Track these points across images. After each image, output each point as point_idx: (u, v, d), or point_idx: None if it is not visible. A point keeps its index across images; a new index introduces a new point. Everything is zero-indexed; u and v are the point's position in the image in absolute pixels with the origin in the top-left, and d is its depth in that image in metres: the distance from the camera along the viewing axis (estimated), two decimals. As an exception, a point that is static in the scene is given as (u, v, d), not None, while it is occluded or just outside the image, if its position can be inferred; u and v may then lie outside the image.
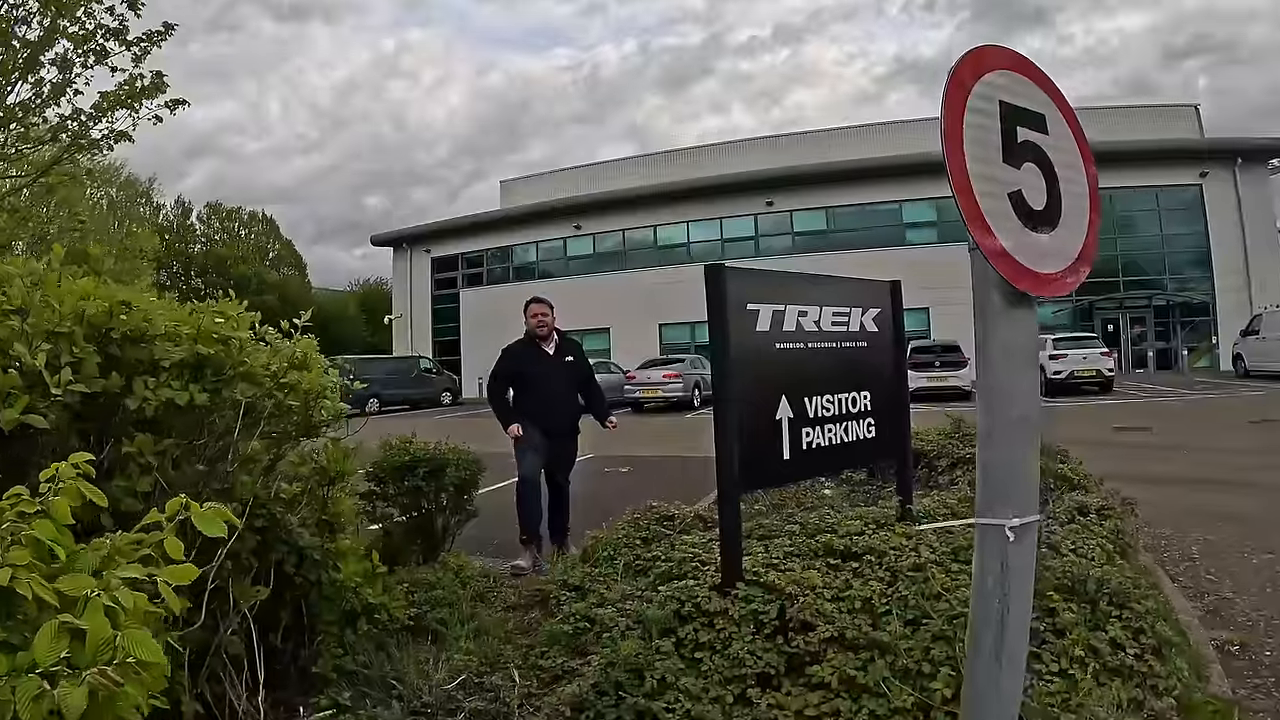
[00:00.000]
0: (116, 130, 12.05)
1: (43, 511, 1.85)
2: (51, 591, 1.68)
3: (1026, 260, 2.45)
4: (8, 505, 1.84)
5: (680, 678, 3.70)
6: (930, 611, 3.89)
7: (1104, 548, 4.73)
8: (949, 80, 2.32)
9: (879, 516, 5.21)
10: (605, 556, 5.35)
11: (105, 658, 1.57)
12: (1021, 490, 2.49)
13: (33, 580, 1.66)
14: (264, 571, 3.75)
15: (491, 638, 4.64)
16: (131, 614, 1.67)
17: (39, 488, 1.95)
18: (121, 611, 1.65)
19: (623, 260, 44.08)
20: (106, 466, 3.25)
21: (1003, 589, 2.43)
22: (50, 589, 1.68)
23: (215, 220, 69.62)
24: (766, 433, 4.62)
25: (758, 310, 4.62)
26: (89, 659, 1.57)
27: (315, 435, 4.41)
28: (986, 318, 2.49)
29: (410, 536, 6.30)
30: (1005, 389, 2.46)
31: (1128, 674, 3.64)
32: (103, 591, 1.68)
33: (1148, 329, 37.20)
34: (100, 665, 1.54)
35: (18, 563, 1.68)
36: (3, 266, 3.22)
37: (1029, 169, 2.52)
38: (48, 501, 1.88)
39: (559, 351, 7.50)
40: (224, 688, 3.51)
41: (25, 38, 11.21)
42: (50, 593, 1.67)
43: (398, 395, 33.70)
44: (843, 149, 40.84)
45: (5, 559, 1.68)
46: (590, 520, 6.97)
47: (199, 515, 2.02)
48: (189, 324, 3.39)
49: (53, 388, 2.83)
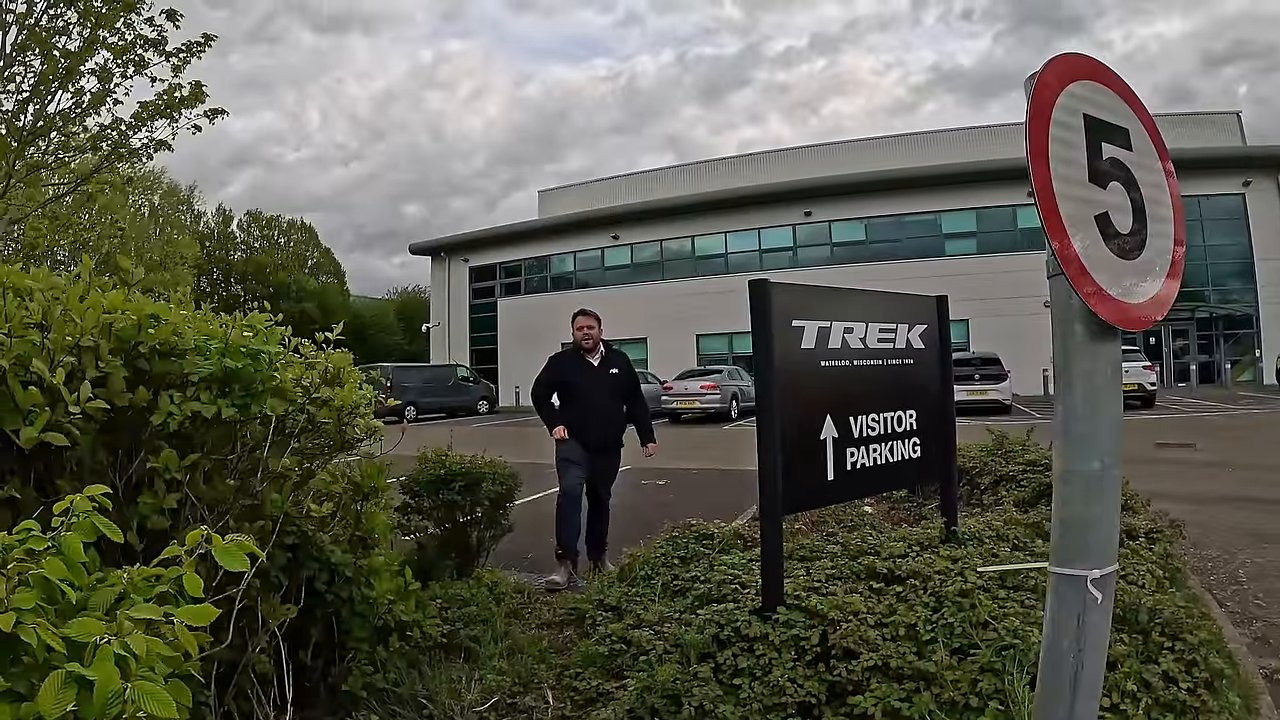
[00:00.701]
0: (156, 139, 12.19)
1: (54, 548, 1.77)
2: (58, 639, 1.59)
3: (1113, 290, 2.28)
4: (15, 542, 1.76)
5: (718, 705, 3.61)
6: (978, 640, 3.77)
7: (1154, 574, 4.58)
8: (1033, 92, 2.15)
9: (922, 538, 5.09)
10: (643, 576, 5.27)
11: (115, 711, 1.48)
12: (1102, 539, 2.34)
13: (39, 626, 1.57)
14: (294, 588, 3.69)
15: (525, 656, 4.58)
16: (145, 660, 1.58)
17: (51, 521, 1.87)
18: (133, 660, 1.56)
19: (660, 270, 44.11)
20: (135, 482, 3.20)
21: (1078, 645, 2.28)
22: (57, 636, 1.59)
23: (255, 228, 70.58)
24: (810, 453, 4.51)
25: (803, 327, 4.51)
26: (97, 712, 1.48)
27: (349, 451, 4.35)
28: (1067, 351, 2.32)
29: (444, 550, 6.25)
30: (1086, 429, 2.28)
31: (1180, 709, 3.49)
32: (113, 638, 1.59)
33: (1190, 342, 36.60)
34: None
35: (23, 606, 1.60)
36: (25, 279, 3.17)
37: (1115, 189, 2.36)
38: (60, 538, 1.80)
39: (604, 363, 7.44)
40: (251, 705, 3.45)
41: (65, 48, 11.34)
42: (57, 640, 1.58)
43: (434, 403, 33.83)
44: (881, 159, 40.70)
45: (10, 603, 1.60)
46: (627, 534, 6.90)
47: (220, 549, 1.92)
48: (218, 337, 3.33)
49: (70, 404, 2.77)
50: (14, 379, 2.76)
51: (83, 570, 1.81)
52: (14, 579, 1.64)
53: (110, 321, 3.14)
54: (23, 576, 1.66)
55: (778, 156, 45.54)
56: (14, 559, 1.70)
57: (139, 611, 1.69)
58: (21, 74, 11.53)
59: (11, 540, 1.76)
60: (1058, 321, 2.30)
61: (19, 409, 2.76)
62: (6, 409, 2.76)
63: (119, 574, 1.87)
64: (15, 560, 1.69)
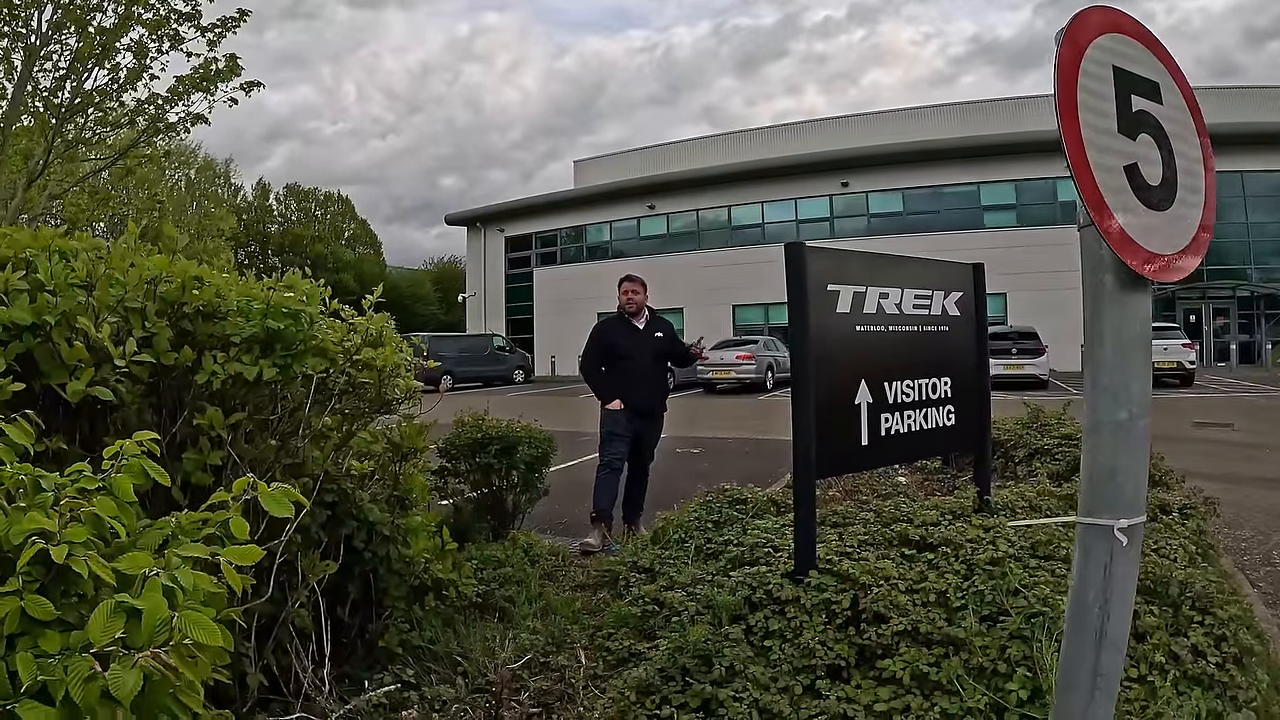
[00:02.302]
0: (193, 113, 12.30)
1: (104, 488, 1.83)
2: (108, 570, 1.65)
3: (1143, 240, 2.25)
4: (68, 482, 1.82)
5: (749, 666, 3.63)
6: (1008, 608, 3.77)
7: (1186, 549, 4.54)
8: (1061, 43, 2.13)
9: (955, 507, 5.07)
10: (676, 539, 5.29)
11: (162, 639, 1.54)
12: (1130, 490, 2.32)
13: (90, 558, 1.64)
14: (333, 545, 3.75)
15: (559, 617, 4.64)
16: (191, 594, 1.63)
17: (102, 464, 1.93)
18: (180, 591, 1.62)
19: (696, 240, 43.92)
20: (180, 440, 3.27)
21: (1104, 596, 2.28)
22: (107, 567, 1.65)
23: (292, 201, 70.96)
24: (844, 417, 4.51)
25: (838, 291, 4.50)
26: (145, 639, 1.53)
27: (389, 412, 4.41)
28: (1097, 302, 2.29)
29: (480, 513, 6.33)
30: (1114, 381, 2.26)
31: (1208, 683, 3.48)
32: (162, 571, 1.65)
33: (1231, 320, 35.90)
34: (155, 647, 1.51)
35: (75, 540, 1.66)
36: (69, 242, 3.23)
37: (1144, 140, 2.33)
38: (110, 479, 1.86)
39: (649, 327, 7.54)
40: (290, 659, 3.52)
41: (100, 25, 11.44)
42: (107, 571, 1.65)
43: (471, 372, 34.01)
44: (919, 130, 40.16)
45: (63, 536, 1.66)
46: (661, 501, 6.93)
47: (266, 495, 1.98)
48: (260, 299, 3.38)
49: (116, 359, 2.84)
50: (59, 335, 2.83)
51: (131, 512, 1.87)
52: (66, 515, 1.70)
53: (155, 283, 3.20)
54: (74, 513, 1.72)
55: (814, 126, 45.09)
56: (67, 496, 1.76)
57: (187, 550, 1.75)
58: (58, 51, 11.66)
59: (64, 480, 1.82)
60: (1088, 273, 2.28)
61: (65, 365, 2.83)
62: (53, 365, 2.83)
63: (165, 519, 1.93)
64: (68, 498, 1.75)
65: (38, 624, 1.60)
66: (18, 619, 1.56)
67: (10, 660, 1.51)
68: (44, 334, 2.83)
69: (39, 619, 1.59)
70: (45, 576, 1.66)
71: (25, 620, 1.58)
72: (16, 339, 2.76)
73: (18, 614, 1.56)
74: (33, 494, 1.78)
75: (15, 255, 3.06)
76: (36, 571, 1.65)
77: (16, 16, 11.34)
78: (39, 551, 1.61)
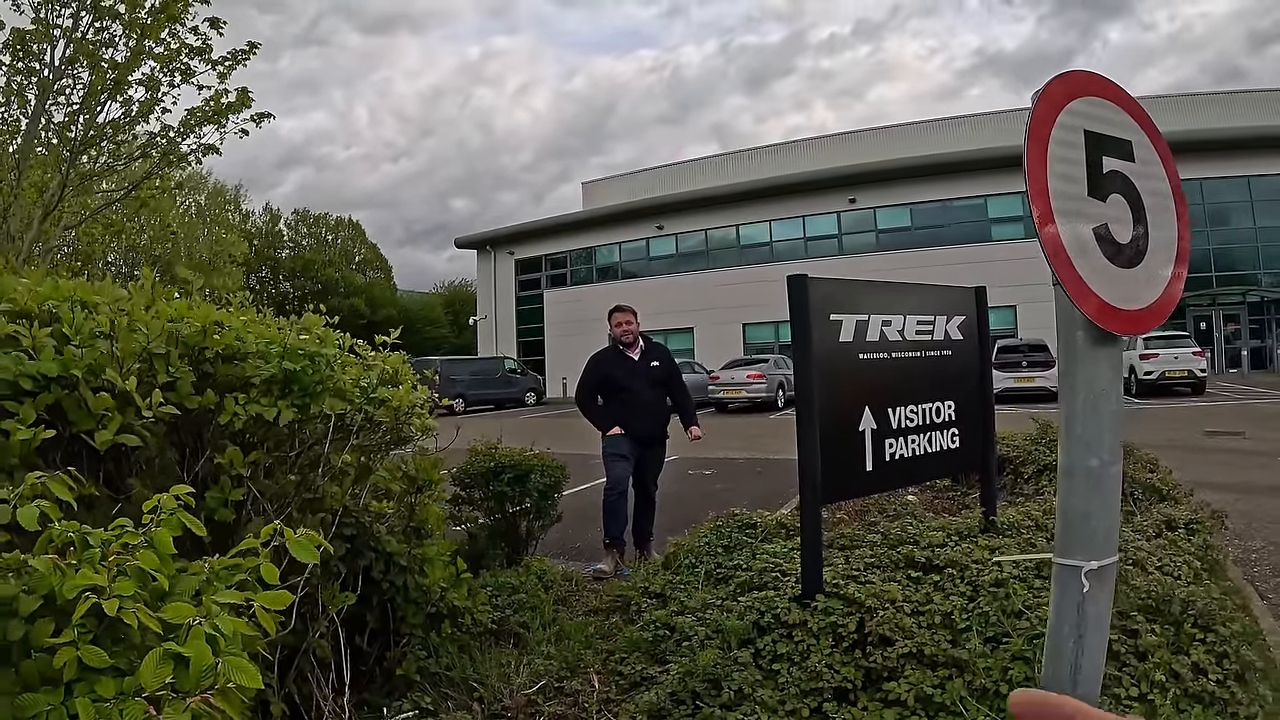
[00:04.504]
0: (205, 144, 12.44)
1: (147, 542, 1.95)
2: (155, 621, 1.78)
3: (1111, 298, 2.37)
4: (112, 536, 1.94)
5: (757, 689, 3.72)
6: (1011, 629, 3.85)
7: (1191, 565, 4.60)
8: (1031, 114, 2.23)
9: (962, 527, 5.15)
10: (687, 564, 5.37)
11: (208, 683, 1.66)
12: (1102, 533, 2.43)
13: (139, 610, 1.76)
14: (352, 576, 3.85)
15: (573, 642, 4.71)
16: (231, 640, 1.76)
17: (141, 516, 2.05)
18: (221, 638, 1.74)
19: (706, 260, 43.92)
20: (201, 477, 3.39)
21: (1079, 631, 2.38)
22: (154, 619, 1.78)
23: (302, 226, 71.28)
24: (849, 444, 4.58)
25: (841, 320, 4.58)
26: (192, 684, 1.66)
27: (405, 443, 4.52)
28: (1069, 357, 2.42)
29: (494, 540, 6.41)
30: (1087, 431, 2.38)
31: (1209, 700, 3.53)
32: (204, 619, 1.77)
33: (1241, 327, 35.69)
34: (202, 691, 1.63)
35: (124, 593, 1.78)
36: (90, 293, 3.35)
37: (1115, 201, 2.43)
38: (151, 533, 1.98)
39: (644, 356, 7.50)
40: (311, 688, 3.61)
41: (112, 59, 11.61)
42: (155, 622, 1.77)
43: (483, 395, 34.09)
44: (926, 144, 40.15)
45: (112, 590, 1.78)
46: (673, 522, 7.01)
47: (293, 541, 2.11)
48: (277, 341, 3.50)
49: (144, 409, 2.95)
50: (85, 387, 2.94)
51: (171, 563, 1.99)
52: (114, 569, 1.83)
53: (176, 329, 3.32)
54: (121, 568, 1.84)
55: (821, 143, 45.13)
56: (113, 552, 1.88)
57: (224, 597, 1.87)
58: (71, 86, 11.83)
59: (109, 535, 1.95)
60: (1061, 327, 2.40)
61: (91, 414, 2.94)
62: (81, 414, 2.94)
63: (199, 564, 2.05)
64: (114, 554, 1.88)
65: (92, 671, 1.71)
66: (75, 667, 1.68)
67: (70, 705, 1.64)
68: (71, 384, 2.94)
69: (94, 667, 1.71)
70: (97, 628, 1.78)
71: (81, 668, 1.70)
72: (45, 390, 2.86)
73: (75, 663, 1.69)
74: (81, 550, 1.90)
75: (39, 308, 3.18)
76: (90, 623, 1.76)
77: (30, 52, 11.52)
78: (92, 605, 1.73)
